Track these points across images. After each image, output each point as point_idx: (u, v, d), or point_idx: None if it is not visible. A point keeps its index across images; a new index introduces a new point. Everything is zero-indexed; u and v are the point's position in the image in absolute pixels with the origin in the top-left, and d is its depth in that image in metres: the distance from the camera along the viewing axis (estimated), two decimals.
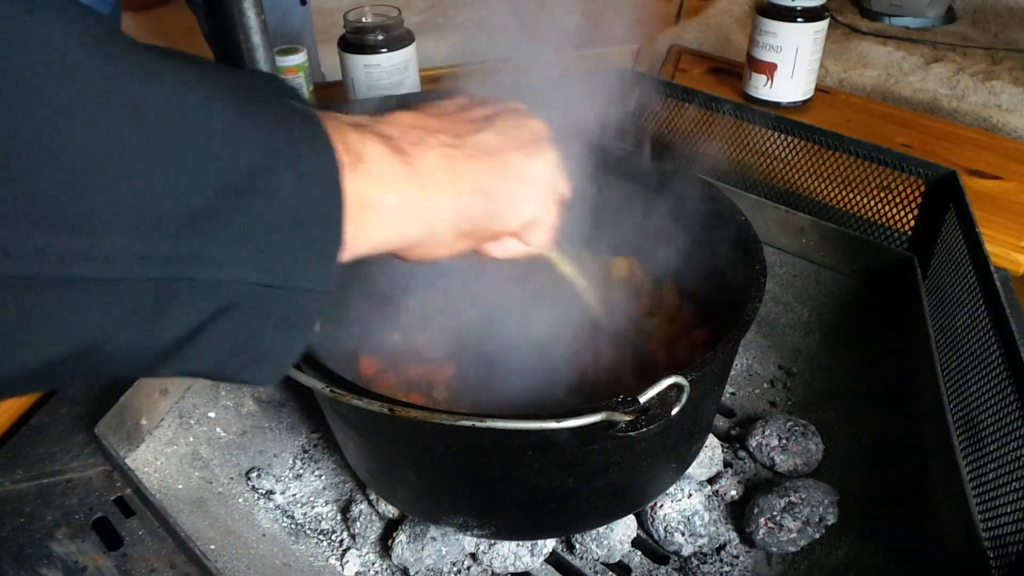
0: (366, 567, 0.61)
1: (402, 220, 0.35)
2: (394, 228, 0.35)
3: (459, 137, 0.40)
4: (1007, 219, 0.87)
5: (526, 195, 0.42)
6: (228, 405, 0.72)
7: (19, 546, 0.57)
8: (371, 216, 0.33)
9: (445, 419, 0.43)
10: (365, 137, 0.34)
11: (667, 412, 0.42)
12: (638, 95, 0.98)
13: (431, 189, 0.36)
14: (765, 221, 0.83)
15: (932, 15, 1.52)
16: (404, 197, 0.35)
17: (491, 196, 0.40)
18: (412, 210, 0.36)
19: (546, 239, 0.46)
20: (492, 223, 0.41)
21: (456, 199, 0.38)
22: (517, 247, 0.46)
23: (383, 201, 0.34)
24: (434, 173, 0.37)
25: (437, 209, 0.37)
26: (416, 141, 0.37)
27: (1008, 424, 0.54)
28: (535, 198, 0.43)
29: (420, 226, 0.37)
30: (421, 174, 0.36)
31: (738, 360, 0.78)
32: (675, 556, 0.61)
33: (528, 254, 0.46)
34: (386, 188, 0.34)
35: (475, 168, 0.39)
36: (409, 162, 0.35)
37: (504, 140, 0.41)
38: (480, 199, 0.39)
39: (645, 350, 0.66)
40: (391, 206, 0.34)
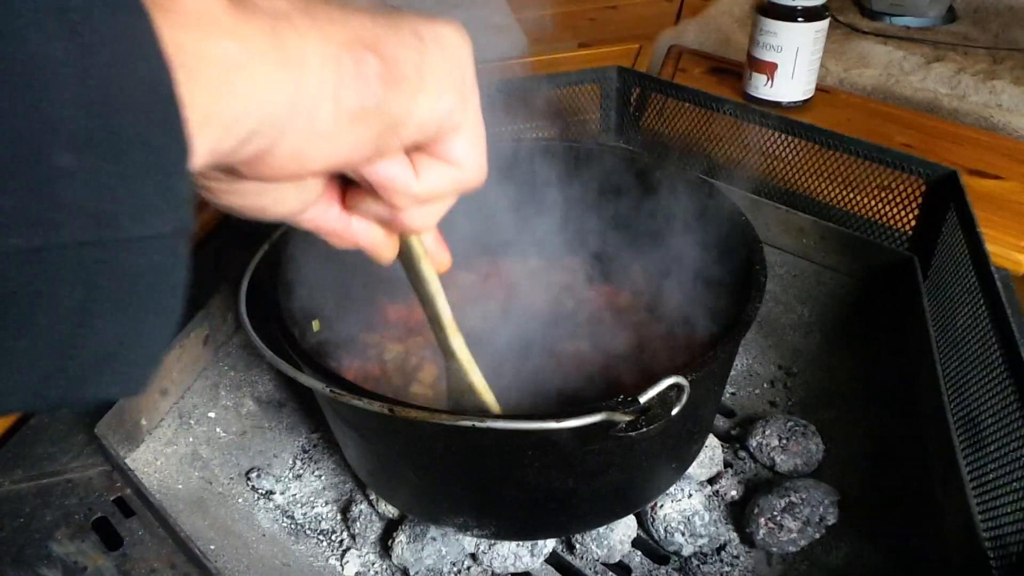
0: (366, 567, 0.61)
1: (253, 79, 0.22)
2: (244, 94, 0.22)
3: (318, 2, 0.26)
4: (1008, 219, 0.87)
5: (435, 66, 0.28)
6: (228, 405, 0.72)
7: (19, 546, 0.57)
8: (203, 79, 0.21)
9: (445, 419, 0.43)
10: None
11: (667, 412, 0.42)
12: (638, 95, 0.98)
13: (288, 33, 0.24)
14: (765, 221, 0.83)
15: (933, 15, 1.52)
16: (247, 44, 0.22)
17: (384, 53, 0.26)
18: (263, 61, 0.23)
19: (477, 157, 0.32)
20: (393, 98, 0.27)
21: (328, 47, 0.25)
22: (440, 173, 0.31)
23: (215, 52, 0.21)
24: (288, 15, 0.24)
25: (302, 59, 0.24)
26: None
27: (1008, 424, 0.53)
28: (449, 75, 0.29)
29: (283, 89, 0.23)
30: (266, 15, 0.23)
31: (738, 360, 0.78)
32: (675, 556, 0.61)
33: (457, 187, 0.32)
34: (216, 34, 0.22)
35: (352, 20, 0.26)
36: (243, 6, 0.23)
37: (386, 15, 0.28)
38: (365, 54, 0.26)
39: (645, 350, 0.66)
40: (230, 58, 0.22)
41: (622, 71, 0.97)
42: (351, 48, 0.25)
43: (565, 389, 0.62)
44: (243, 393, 0.74)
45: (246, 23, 0.23)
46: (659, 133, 0.98)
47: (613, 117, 1.00)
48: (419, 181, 0.31)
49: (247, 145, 0.23)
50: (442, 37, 0.29)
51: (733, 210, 0.61)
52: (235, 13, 0.22)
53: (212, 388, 0.73)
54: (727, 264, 0.61)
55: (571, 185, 0.71)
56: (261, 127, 0.23)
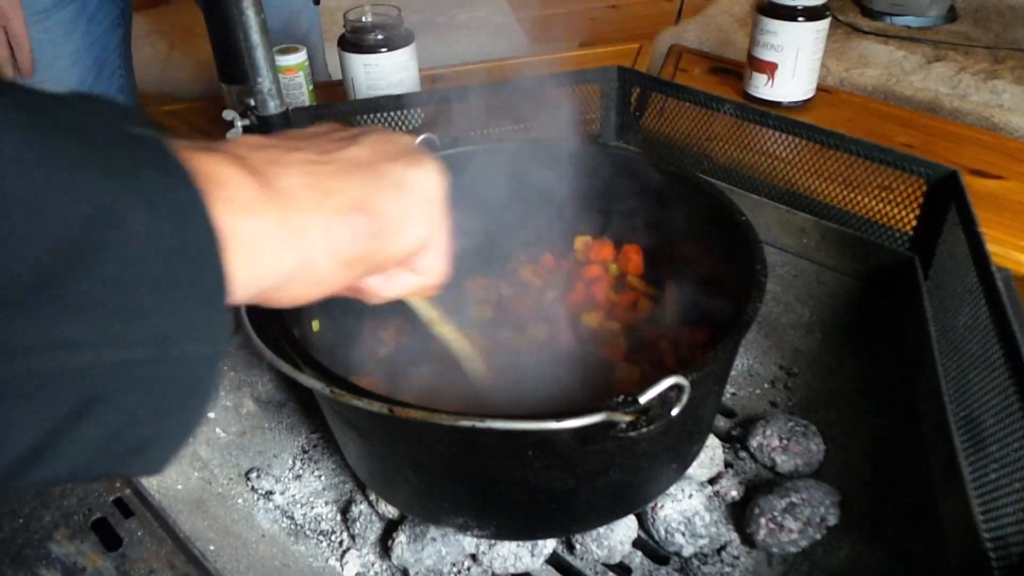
0: (366, 568, 0.61)
1: (270, 252, 0.29)
2: (262, 263, 0.29)
3: (324, 153, 0.34)
4: (1009, 219, 0.87)
5: (411, 210, 0.36)
6: (228, 405, 0.72)
7: (18, 547, 0.57)
8: (235, 251, 0.27)
9: (445, 419, 0.43)
10: (216, 157, 0.28)
11: (667, 412, 0.42)
12: (638, 95, 0.98)
13: (296, 211, 0.30)
14: (766, 221, 0.83)
15: (934, 14, 1.52)
16: (267, 224, 0.29)
17: (371, 212, 0.34)
18: (278, 238, 0.29)
19: (439, 268, 0.40)
20: (378, 246, 0.34)
21: (329, 220, 0.32)
22: (408, 280, 0.39)
23: (246, 231, 0.28)
24: (297, 193, 0.31)
25: (307, 234, 0.31)
26: (271, 160, 0.31)
27: (1010, 424, 0.53)
28: (422, 214, 0.37)
29: (290, 258, 0.30)
30: (281, 195, 0.30)
31: (739, 360, 0.78)
32: (676, 557, 0.61)
33: (421, 289, 0.40)
34: (247, 215, 0.28)
35: (347, 183, 0.33)
36: (266, 183, 0.29)
37: (375, 153, 0.36)
38: (359, 217, 0.33)
39: (645, 350, 0.66)
40: (255, 236, 0.28)
41: (622, 71, 0.97)
42: (345, 213, 0.33)
43: (565, 389, 0.62)
44: (243, 393, 0.74)
45: (265, 200, 0.29)
46: (659, 133, 0.98)
47: (613, 117, 1.00)
48: (388, 288, 0.39)
49: (261, 296, 0.31)
50: (419, 183, 0.37)
51: (733, 210, 0.61)
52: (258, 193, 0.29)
53: None
54: (727, 264, 0.60)
55: (571, 185, 0.71)
56: (271, 286, 0.30)
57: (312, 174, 0.32)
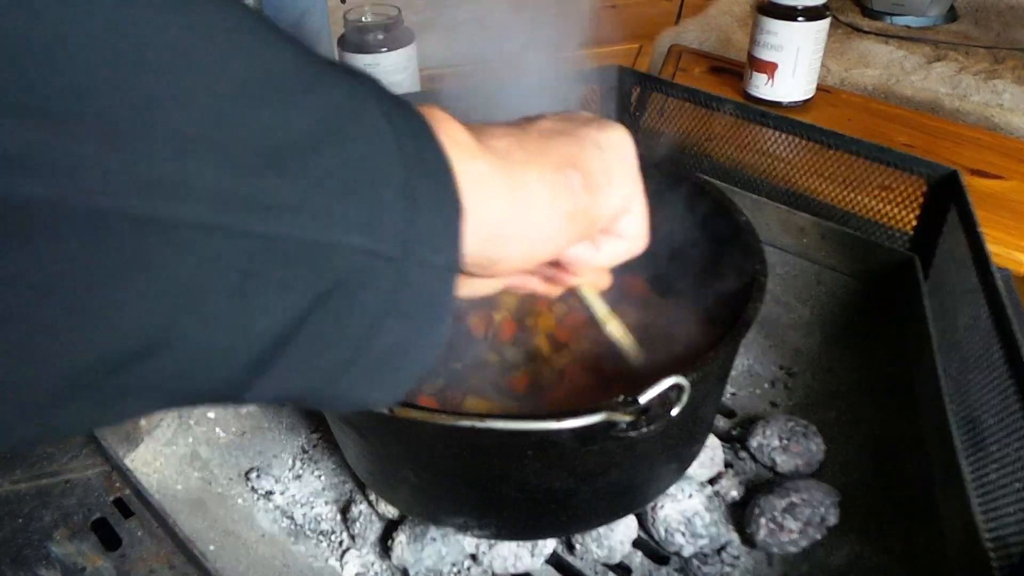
0: (366, 568, 0.61)
1: (493, 195, 0.30)
2: (487, 205, 0.29)
3: (519, 127, 0.35)
4: (1009, 219, 0.87)
5: (616, 168, 0.36)
6: (227, 405, 0.72)
7: (17, 547, 0.57)
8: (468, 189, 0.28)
9: (445, 419, 0.43)
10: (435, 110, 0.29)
11: (667, 412, 0.42)
12: (638, 95, 0.98)
13: (513, 164, 0.31)
14: (766, 221, 0.83)
15: (934, 14, 1.52)
16: (488, 168, 0.30)
17: (581, 167, 0.34)
18: (500, 182, 0.30)
19: (641, 229, 0.40)
20: (592, 201, 0.34)
21: (545, 173, 0.32)
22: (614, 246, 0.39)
23: (470, 169, 0.28)
24: (510, 151, 0.32)
25: (527, 184, 0.31)
26: (480, 129, 0.32)
27: (1010, 424, 0.53)
28: (625, 172, 0.37)
29: (515, 205, 0.31)
30: (496, 151, 0.31)
31: (739, 360, 0.78)
32: (676, 557, 0.61)
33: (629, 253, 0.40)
34: (468, 155, 0.29)
35: (552, 145, 0.34)
36: (484, 140, 0.31)
37: (566, 122, 0.37)
38: (571, 171, 0.34)
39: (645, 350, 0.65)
40: (479, 175, 0.29)
41: (622, 71, 0.97)
42: (559, 169, 0.33)
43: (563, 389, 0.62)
44: None
45: (484, 152, 0.30)
46: (659, 133, 0.98)
47: (613, 117, 1.00)
48: (599, 254, 0.39)
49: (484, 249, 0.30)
50: (615, 143, 0.37)
51: (733, 210, 0.61)
52: (477, 145, 0.30)
53: None
54: (727, 264, 0.60)
55: None
56: (497, 233, 0.30)
57: (518, 139, 0.33)
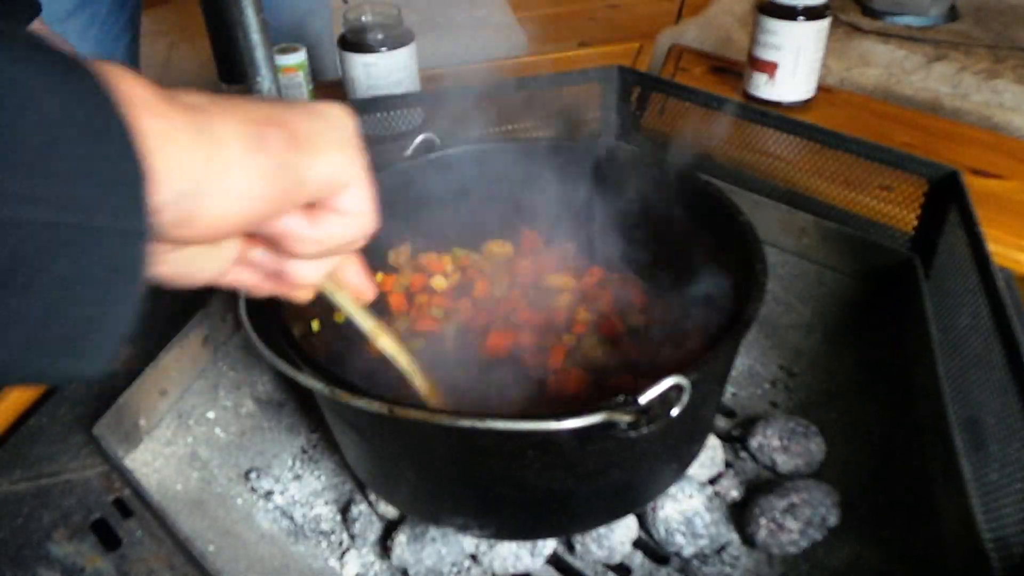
0: (366, 568, 0.61)
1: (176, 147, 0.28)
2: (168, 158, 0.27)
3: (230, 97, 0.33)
4: (1010, 218, 0.86)
5: (325, 133, 0.34)
6: (227, 405, 0.72)
7: (17, 547, 0.57)
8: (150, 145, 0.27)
9: (445, 419, 0.43)
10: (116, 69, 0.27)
11: (667, 412, 0.42)
12: (638, 95, 0.98)
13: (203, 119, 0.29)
14: (766, 221, 0.83)
15: (935, 13, 1.52)
16: (170, 122, 0.28)
17: (284, 126, 0.32)
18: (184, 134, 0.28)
19: (365, 206, 0.37)
20: (295, 160, 0.33)
21: (241, 126, 0.31)
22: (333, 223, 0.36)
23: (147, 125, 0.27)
24: (203, 107, 0.30)
25: (217, 135, 0.30)
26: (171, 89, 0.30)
27: (1010, 425, 0.53)
28: (338, 141, 0.35)
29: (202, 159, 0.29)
30: (185, 106, 0.29)
31: (739, 360, 0.78)
32: (676, 557, 0.61)
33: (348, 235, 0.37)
34: (146, 110, 0.27)
35: (255, 105, 0.33)
36: (163, 95, 0.28)
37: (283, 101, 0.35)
38: (272, 128, 0.32)
39: (645, 350, 0.66)
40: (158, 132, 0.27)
41: (622, 70, 0.97)
42: (258, 124, 0.32)
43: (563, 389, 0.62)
44: (242, 393, 0.73)
45: (168, 105, 0.28)
46: (659, 133, 0.98)
47: (613, 117, 1.00)
48: (315, 230, 0.36)
49: (174, 207, 0.29)
50: (329, 113, 0.36)
51: (733, 210, 0.61)
52: (162, 101, 0.28)
53: (211, 388, 0.73)
54: (727, 264, 0.60)
55: (570, 185, 0.71)
56: (187, 188, 0.29)
57: (215, 98, 0.31)
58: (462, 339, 0.68)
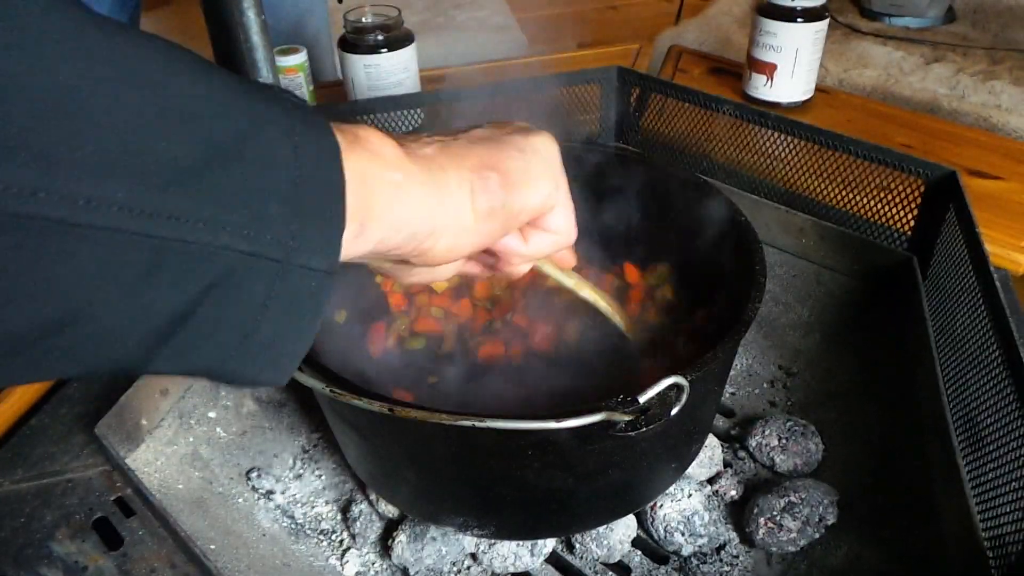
0: (366, 567, 0.61)
1: (413, 199, 0.34)
2: (406, 208, 0.34)
3: (451, 136, 0.39)
4: (1007, 219, 0.87)
5: (535, 168, 0.41)
6: (228, 405, 0.72)
7: (19, 546, 0.57)
8: (378, 194, 0.33)
9: (445, 419, 0.43)
10: (360, 125, 0.34)
11: (667, 412, 0.42)
12: (638, 95, 0.98)
13: (436, 169, 0.36)
14: (765, 221, 0.83)
15: (932, 15, 1.52)
16: (409, 175, 0.34)
17: (500, 169, 0.39)
18: (421, 187, 0.35)
19: (569, 224, 0.44)
20: (510, 198, 0.39)
21: (463, 174, 0.37)
22: (542, 239, 0.44)
23: (388, 178, 0.33)
24: (434, 157, 0.36)
25: (446, 185, 0.36)
26: (409, 139, 0.37)
27: (1008, 424, 0.54)
28: (545, 172, 0.41)
29: (435, 207, 0.35)
30: (421, 158, 0.36)
31: (738, 360, 0.78)
32: (675, 556, 0.61)
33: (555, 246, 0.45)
34: (389, 166, 0.33)
35: (475, 150, 0.39)
36: (408, 149, 0.35)
37: (495, 131, 0.41)
38: (489, 173, 0.38)
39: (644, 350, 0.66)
40: (398, 183, 0.34)
41: (622, 71, 0.97)
42: (478, 170, 0.38)
43: (564, 389, 0.62)
44: (243, 393, 0.74)
45: (408, 160, 0.35)
46: (659, 133, 0.98)
47: (613, 117, 1.00)
48: (527, 247, 0.44)
49: (409, 243, 0.35)
50: (536, 146, 0.41)
51: (733, 210, 0.62)
52: (401, 153, 0.34)
53: (212, 388, 0.73)
54: (727, 264, 0.61)
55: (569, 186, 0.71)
56: (418, 231, 0.35)
57: (444, 145, 0.38)
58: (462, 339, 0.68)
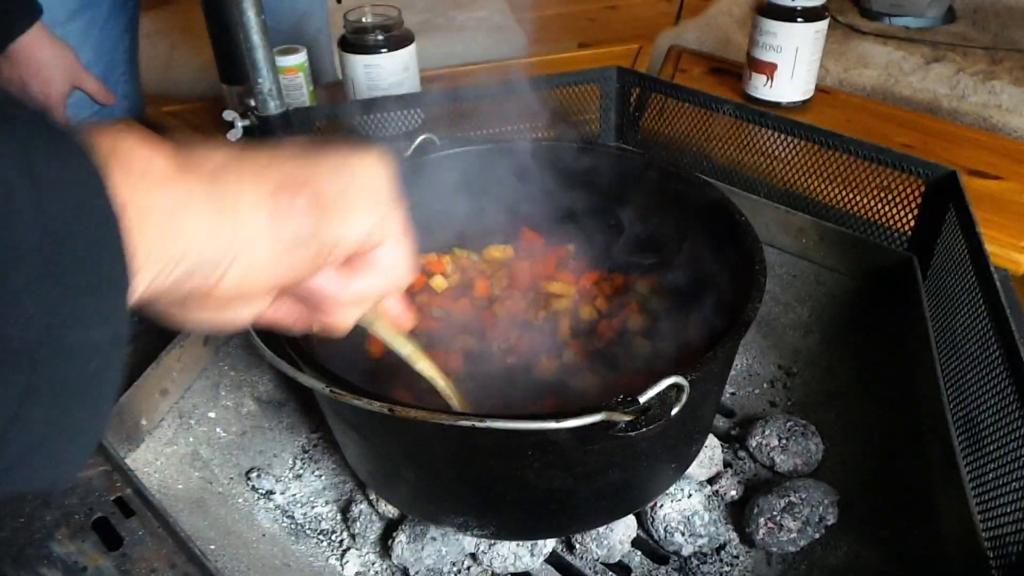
0: (366, 567, 0.61)
1: (191, 227, 0.26)
2: (182, 240, 0.26)
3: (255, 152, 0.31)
4: (1007, 219, 0.87)
5: (356, 192, 0.32)
6: (228, 405, 0.72)
7: (19, 546, 0.57)
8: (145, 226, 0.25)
9: (445, 419, 0.43)
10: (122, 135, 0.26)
11: (667, 412, 0.42)
12: (638, 95, 0.98)
13: (222, 187, 0.28)
14: (765, 221, 0.83)
15: (932, 15, 1.52)
16: (183, 197, 0.26)
17: (309, 191, 0.30)
18: (200, 212, 0.27)
19: (403, 262, 0.36)
20: (322, 227, 0.31)
21: (263, 193, 0.29)
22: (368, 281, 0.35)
23: (155, 204, 0.25)
24: (221, 172, 0.28)
25: (239, 208, 0.28)
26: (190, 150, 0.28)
27: (1008, 424, 0.53)
28: (371, 197, 0.33)
29: (218, 236, 0.27)
30: (203, 173, 0.27)
31: (738, 360, 0.78)
32: (675, 556, 0.61)
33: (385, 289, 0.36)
34: (157, 187, 0.25)
35: (277, 166, 0.30)
36: (182, 163, 0.27)
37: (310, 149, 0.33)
38: (298, 191, 0.30)
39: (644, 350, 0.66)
40: (168, 209, 0.26)
41: (622, 71, 0.97)
42: (282, 189, 0.29)
43: (563, 389, 0.62)
44: (243, 393, 0.74)
45: (187, 176, 0.27)
46: (659, 133, 0.98)
47: (613, 117, 1.00)
48: (349, 288, 0.35)
49: (190, 279, 0.27)
50: (360, 167, 0.33)
51: (733, 210, 0.61)
52: (175, 168, 0.26)
53: (212, 388, 0.73)
54: (727, 264, 0.61)
55: (570, 186, 0.71)
56: (200, 265, 0.27)
57: (237, 160, 0.29)
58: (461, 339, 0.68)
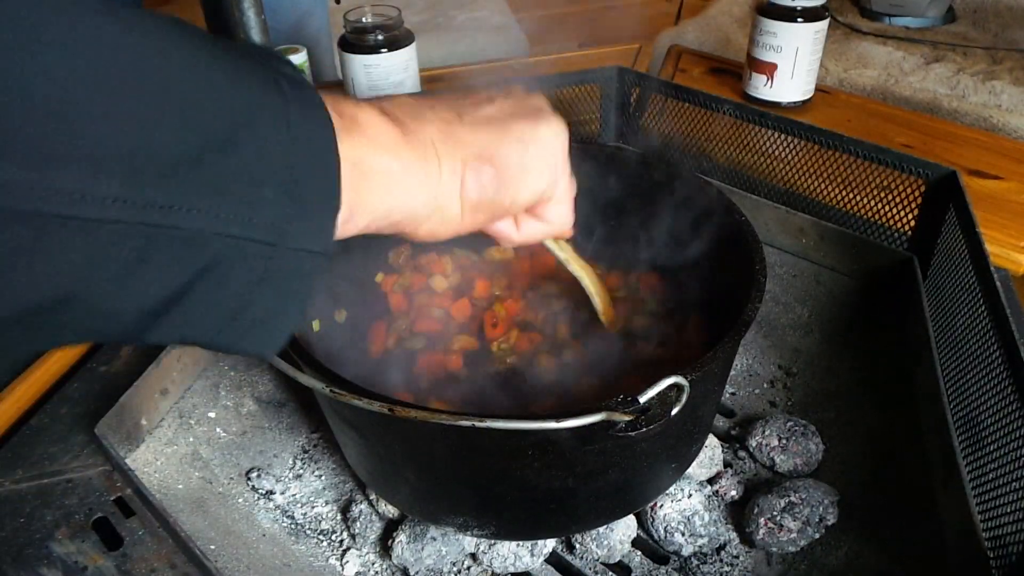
0: (366, 567, 0.61)
1: (404, 188, 0.35)
2: (396, 197, 0.34)
3: (458, 112, 0.39)
4: (1007, 219, 0.87)
5: (534, 163, 0.40)
6: (228, 405, 0.72)
7: (19, 546, 0.57)
8: (370, 182, 0.33)
9: (445, 419, 0.43)
10: (361, 106, 0.34)
11: (667, 412, 0.42)
12: (638, 95, 0.98)
13: (432, 157, 0.36)
14: (765, 221, 0.83)
15: (932, 15, 1.52)
16: (404, 163, 0.34)
17: (496, 162, 0.38)
18: (413, 177, 0.35)
19: (564, 216, 0.44)
20: (501, 193, 0.39)
21: (456, 164, 0.37)
22: (535, 227, 0.44)
23: (381, 166, 0.33)
24: (433, 142, 0.36)
25: (439, 177, 0.36)
26: (414, 115, 0.36)
27: (1008, 424, 0.54)
28: (544, 167, 0.41)
29: (424, 196, 0.36)
30: (420, 143, 0.35)
31: (738, 360, 0.78)
32: (675, 556, 0.61)
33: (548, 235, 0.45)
34: (384, 153, 0.33)
35: (476, 136, 0.38)
36: (407, 131, 0.35)
37: (504, 111, 0.40)
38: (485, 166, 0.38)
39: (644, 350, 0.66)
40: (390, 172, 0.34)
41: (622, 71, 0.97)
42: (474, 162, 0.38)
43: (563, 389, 0.62)
44: (243, 393, 0.74)
45: (404, 145, 0.35)
46: (659, 133, 0.98)
47: (613, 117, 1.00)
48: (519, 234, 0.45)
49: (396, 227, 0.36)
50: (541, 137, 0.41)
51: (733, 210, 0.61)
52: (398, 137, 0.35)
53: (212, 388, 0.73)
54: (727, 264, 0.61)
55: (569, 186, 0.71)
56: (404, 218, 0.36)
57: (447, 127, 0.37)
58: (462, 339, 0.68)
